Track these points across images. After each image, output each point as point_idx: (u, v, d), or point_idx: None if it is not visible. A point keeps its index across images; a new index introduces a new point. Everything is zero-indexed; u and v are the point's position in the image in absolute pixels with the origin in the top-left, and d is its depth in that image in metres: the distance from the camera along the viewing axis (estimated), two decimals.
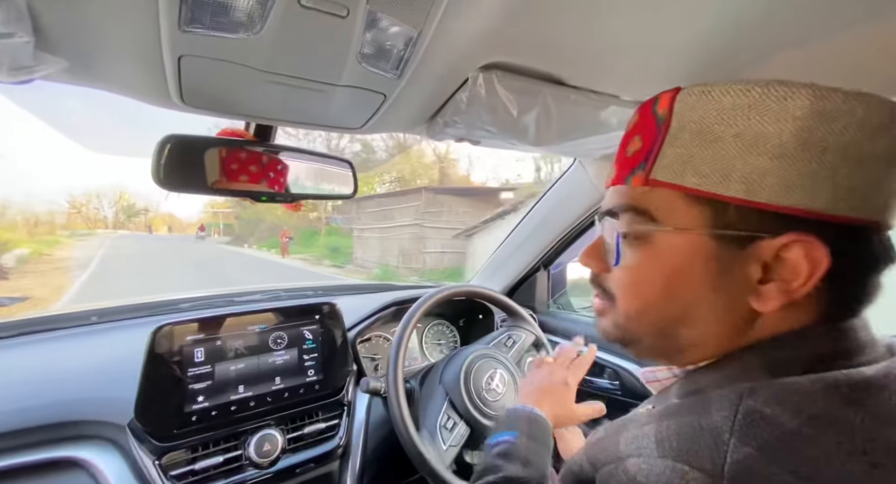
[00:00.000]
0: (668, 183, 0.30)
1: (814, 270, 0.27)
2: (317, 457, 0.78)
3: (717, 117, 0.29)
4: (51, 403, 0.66)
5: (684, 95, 0.31)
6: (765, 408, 0.24)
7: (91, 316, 0.94)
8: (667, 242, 0.31)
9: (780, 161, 0.27)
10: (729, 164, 0.28)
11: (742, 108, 0.28)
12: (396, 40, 0.45)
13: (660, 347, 0.34)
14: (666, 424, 0.27)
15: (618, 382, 1.04)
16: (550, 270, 1.31)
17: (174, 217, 59.89)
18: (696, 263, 0.30)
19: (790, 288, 0.27)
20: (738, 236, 0.28)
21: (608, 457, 0.28)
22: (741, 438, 0.23)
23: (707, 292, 0.30)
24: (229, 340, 0.76)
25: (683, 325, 0.32)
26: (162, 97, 0.50)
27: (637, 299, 0.33)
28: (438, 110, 0.63)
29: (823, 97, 0.26)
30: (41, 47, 0.38)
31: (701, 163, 0.29)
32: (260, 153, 0.65)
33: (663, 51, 0.53)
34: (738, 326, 0.30)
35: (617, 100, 0.63)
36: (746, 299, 0.29)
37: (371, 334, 1.05)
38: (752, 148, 0.27)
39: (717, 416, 0.25)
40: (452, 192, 12.15)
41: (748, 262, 0.28)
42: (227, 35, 0.40)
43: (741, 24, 0.47)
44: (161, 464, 0.65)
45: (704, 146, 0.29)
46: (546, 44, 0.50)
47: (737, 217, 0.28)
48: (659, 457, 0.25)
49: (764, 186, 0.27)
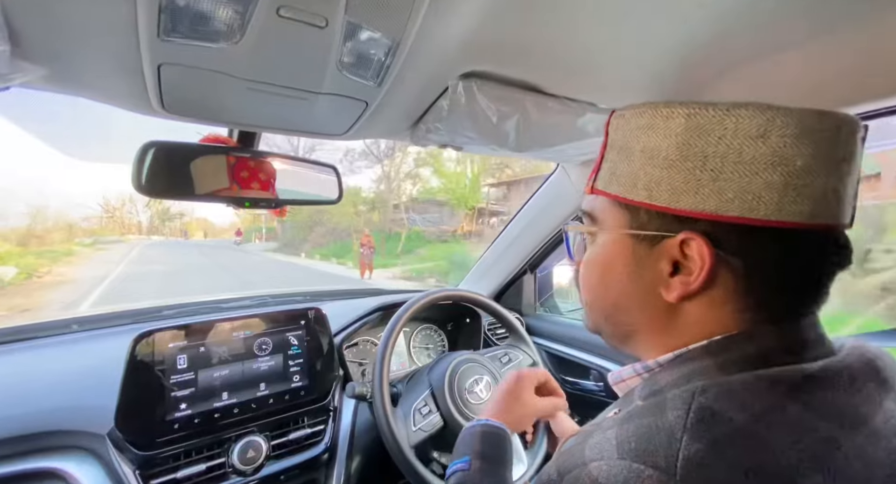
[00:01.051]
0: (602, 191, 0.36)
1: (703, 265, 0.30)
2: (302, 463, 0.77)
3: (630, 136, 0.34)
4: (27, 414, 0.65)
5: (614, 118, 0.36)
6: (714, 404, 0.26)
7: (72, 324, 0.93)
8: (601, 241, 0.37)
9: (668, 171, 0.31)
10: (636, 174, 0.33)
11: (643, 128, 0.33)
12: (376, 49, 0.46)
13: (613, 332, 0.39)
14: (626, 427, 0.28)
15: (602, 383, 1.05)
16: (537, 274, 1.32)
17: (208, 221, 53.61)
18: (619, 258, 0.35)
19: (688, 281, 0.31)
20: (647, 235, 0.33)
21: (573, 463, 0.29)
22: (692, 435, 0.25)
23: (627, 283, 0.35)
24: (213, 347, 0.75)
25: (619, 311, 0.37)
26: (143, 105, 0.50)
27: (588, 291, 0.39)
28: (420, 117, 0.64)
29: (696, 114, 0.30)
30: (18, 55, 0.39)
31: (620, 174, 0.34)
32: (244, 159, 0.65)
33: (636, 62, 0.55)
34: (661, 315, 0.34)
35: (594, 107, 0.65)
36: (658, 290, 0.33)
37: (358, 339, 1.05)
38: (650, 160, 0.32)
39: (671, 415, 0.27)
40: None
41: (659, 258, 0.33)
42: (206, 44, 0.40)
43: (710, 36, 0.49)
44: (142, 473, 0.64)
45: (623, 160, 0.34)
46: (524, 53, 0.52)
47: (646, 219, 0.33)
48: (618, 458, 0.26)
49: (661, 192, 0.31)
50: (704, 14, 0.44)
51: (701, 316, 0.32)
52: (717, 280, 0.31)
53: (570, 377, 1.14)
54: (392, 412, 0.73)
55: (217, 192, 0.63)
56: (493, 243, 1.27)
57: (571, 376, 1.14)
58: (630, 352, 0.39)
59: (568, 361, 1.15)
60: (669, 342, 0.34)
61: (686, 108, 0.30)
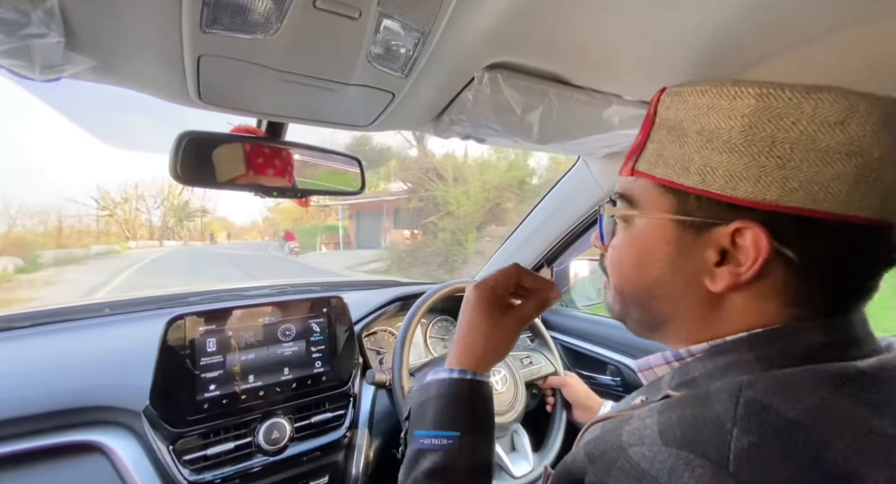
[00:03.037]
0: (645, 173, 0.34)
1: (758, 256, 0.29)
2: (323, 446, 0.80)
3: (685, 115, 0.32)
4: (69, 389, 0.69)
5: (665, 96, 0.34)
6: (763, 398, 0.25)
7: (104, 308, 0.97)
8: (641, 225, 0.35)
9: (728, 155, 0.29)
10: (689, 158, 0.31)
11: (702, 107, 0.31)
12: (405, 40, 0.47)
13: (643, 319, 0.38)
14: (667, 415, 0.27)
15: (619, 379, 1.05)
16: (554, 268, 1.32)
17: (228, 221, 44.68)
18: (659, 244, 0.34)
19: (738, 271, 0.30)
20: (695, 222, 0.32)
21: (607, 448, 0.28)
22: (743, 428, 0.24)
23: (667, 271, 0.34)
24: (240, 332, 0.78)
25: (654, 299, 0.36)
26: (181, 95, 0.52)
27: (619, 276, 0.38)
28: (445, 109, 0.65)
29: (769, 95, 0.28)
30: (71, 47, 0.41)
31: (669, 156, 0.32)
32: (272, 149, 0.67)
33: (666, 51, 0.54)
34: (701, 304, 0.33)
35: (619, 99, 0.65)
36: (702, 279, 0.32)
37: (376, 328, 1.07)
38: (707, 143, 0.30)
39: (718, 406, 0.26)
40: None
41: (706, 246, 0.31)
42: (244, 36, 0.42)
43: (742, 25, 0.48)
44: (175, 449, 0.67)
45: (673, 141, 0.32)
46: (551, 44, 0.52)
47: (696, 205, 0.31)
48: (663, 445, 0.25)
49: (716, 178, 0.30)
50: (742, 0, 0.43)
51: (745, 307, 0.31)
52: (769, 272, 0.29)
53: (587, 372, 1.14)
54: None
55: (246, 180, 0.65)
56: (511, 236, 1.27)
57: (587, 371, 1.14)
58: (658, 340, 0.38)
59: (584, 355, 1.15)
60: (705, 332, 0.33)
61: (757, 88, 0.28)
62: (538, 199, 1.14)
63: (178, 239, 33.60)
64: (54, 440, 0.64)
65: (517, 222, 1.22)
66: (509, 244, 1.29)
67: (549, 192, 1.11)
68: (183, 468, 0.67)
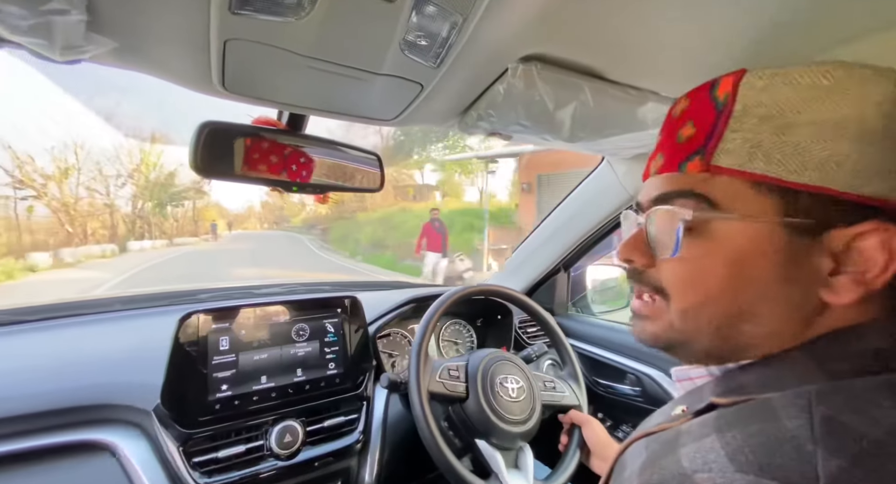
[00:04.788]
0: (733, 169, 0.29)
1: (891, 260, 0.26)
2: (336, 451, 0.77)
3: (792, 101, 0.28)
4: (78, 386, 0.67)
5: (751, 78, 0.30)
6: (839, 416, 0.23)
7: (115, 303, 0.96)
8: (731, 230, 0.30)
9: (860, 147, 0.26)
10: (804, 150, 0.27)
11: (820, 90, 0.27)
12: (440, 27, 0.44)
13: (716, 347, 0.32)
14: (731, 434, 0.25)
15: (640, 389, 1.01)
16: (571, 273, 1.29)
17: (221, 207, 34.40)
18: (764, 253, 0.29)
19: (865, 279, 0.26)
20: (810, 225, 0.27)
21: (668, 476, 0.26)
22: (827, 449, 0.22)
23: (775, 285, 0.29)
24: (253, 331, 0.76)
25: (747, 321, 0.30)
26: (204, 82, 0.50)
27: (696, 294, 0.31)
28: (473, 103, 0.62)
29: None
30: (92, 28, 0.39)
31: (771, 148, 0.28)
32: (292, 143, 0.65)
33: (709, 47, 0.51)
34: (805, 321, 0.29)
35: (656, 96, 0.62)
36: (817, 292, 0.28)
37: (390, 330, 1.04)
38: (831, 133, 0.26)
39: (789, 423, 0.23)
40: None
41: (822, 252, 0.28)
42: (274, 18, 0.39)
43: (791, 22, 0.46)
44: (185, 450, 0.65)
45: (775, 131, 0.28)
46: (590, 36, 0.49)
47: (810, 205, 0.27)
48: (736, 471, 0.23)
49: (842, 173, 0.26)
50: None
51: (849, 320, 0.28)
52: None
53: (604, 380, 1.11)
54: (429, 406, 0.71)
55: (266, 174, 0.63)
56: (528, 238, 1.24)
57: (605, 380, 1.11)
58: (718, 364, 0.34)
59: (602, 363, 1.11)
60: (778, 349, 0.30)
61: (894, 72, 0.25)
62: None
63: (158, 236, 20.90)
64: (62, 439, 0.61)
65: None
66: (526, 246, 1.26)
67: (571, 194, 1.08)
68: (193, 471, 0.65)
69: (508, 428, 0.73)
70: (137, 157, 20.70)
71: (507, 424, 0.73)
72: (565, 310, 1.31)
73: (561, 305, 1.30)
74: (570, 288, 1.31)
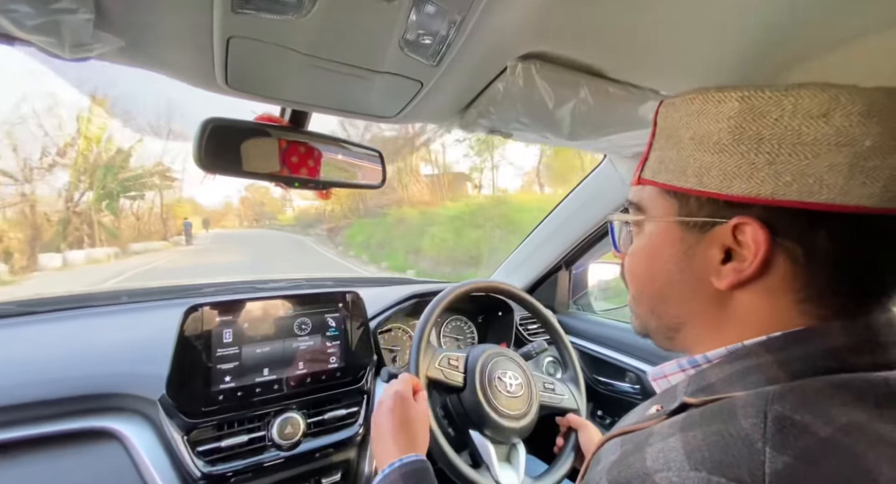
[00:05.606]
0: (650, 180, 0.36)
1: (757, 250, 0.29)
2: (336, 443, 0.78)
3: (679, 123, 0.34)
4: (87, 375, 0.69)
5: (663, 107, 0.36)
6: (793, 414, 0.24)
7: (122, 296, 0.98)
8: (649, 229, 0.37)
9: (719, 155, 0.30)
10: (685, 161, 0.32)
11: (692, 114, 0.32)
12: (439, 26, 0.45)
13: (659, 327, 0.38)
14: (692, 434, 0.26)
15: (639, 386, 1.02)
16: (572, 270, 1.29)
17: (195, 202, 30.22)
18: (666, 246, 0.35)
19: (742, 268, 0.30)
20: (697, 222, 0.33)
21: (632, 474, 0.27)
22: (776, 447, 0.23)
23: (676, 273, 0.34)
24: (256, 324, 0.77)
25: (665, 303, 0.36)
26: (207, 80, 0.51)
27: (633, 281, 0.39)
28: (473, 100, 0.63)
29: (751, 97, 0.29)
30: (100, 26, 0.40)
31: (668, 161, 0.34)
32: (295, 139, 0.66)
33: (709, 46, 0.51)
34: (712, 304, 0.33)
35: (656, 95, 0.62)
36: (709, 279, 0.32)
37: (391, 326, 1.06)
38: (700, 146, 0.31)
39: (745, 422, 0.24)
40: None
41: (710, 245, 0.32)
42: (276, 16, 0.40)
43: (787, 23, 0.47)
44: (189, 439, 0.67)
45: (671, 147, 0.34)
46: (590, 34, 0.50)
47: (696, 206, 0.33)
48: (691, 469, 0.24)
49: (711, 178, 0.31)
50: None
51: (756, 307, 0.31)
52: (773, 267, 0.29)
53: (604, 378, 1.11)
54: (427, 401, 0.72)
55: (269, 170, 0.64)
56: (530, 235, 1.25)
57: (605, 377, 1.11)
58: (679, 349, 0.37)
59: (602, 361, 1.11)
60: (721, 336, 0.33)
61: (739, 92, 0.30)
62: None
63: (105, 242, 13.45)
64: (71, 426, 0.63)
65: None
66: (527, 244, 1.26)
67: (572, 192, 1.08)
68: (197, 459, 0.66)
69: (503, 422, 0.73)
70: (72, 126, 13.20)
71: (502, 417, 0.74)
72: (566, 308, 1.31)
73: (562, 303, 1.31)
74: (571, 286, 1.31)
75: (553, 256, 1.23)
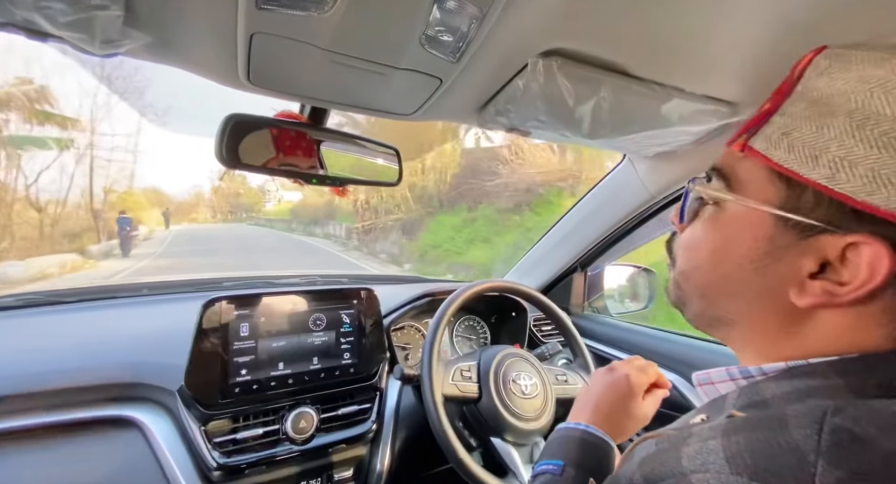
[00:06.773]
0: (759, 153, 0.29)
1: (869, 279, 0.24)
2: (349, 438, 0.79)
3: (843, 87, 0.25)
4: (108, 365, 0.71)
5: (822, 57, 0.27)
6: (854, 427, 0.21)
7: (143, 288, 1.01)
8: (733, 211, 0.31)
9: (882, 151, 0.23)
10: (824, 144, 0.25)
11: (874, 83, 0.24)
12: (460, 22, 0.45)
13: (703, 312, 0.35)
14: (735, 439, 0.24)
15: None
16: (588, 272, 1.27)
17: (160, 192, 26.13)
18: (747, 238, 0.29)
19: (837, 291, 0.25)
20: (801, 223, 0.27)
21: (666, 471, 0.25)
22: (830, 460, 0.21)
23: (748, 269, 0.29)
24: (272, 318, 0.78)
25: (721, 295, 0.32)
26: (230, 76, 0.51)
27: (689, 259, 0.35)
28: (492, 98, 0.62)
29: None
30: (128, 23, 0.41)
31: (799, 137, 0.27)
32: (314, 136, 0.66)
33: (737, 42, 0.50)
34: (777, 315, 0.29)
35: (681, 93, 0.60)
36: (787, 289, 0.28)
37: (404, 324, 1.06)
38: (858, 130, 0.24)
39: (796, 433, 0.22)
40: None
41: (805, 253, 0.27)
42: (298, 12, 0.40)
43: (820, 22, 0.45)
44: (206, 430, 0.68)
45: (810, 119, 0.26)
46: (613, 30, 0.49)
47: (811, 204, 0.26)
48: (731, 473, 0.22)
49: (851, 176, 0.24)
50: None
51: (835, 327, 0.27)
52: (879, 296, 0.25)
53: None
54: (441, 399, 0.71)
55: (288, 166, 0.65)
56: (545, 236, 1.23)
57: None
58: (717, 337, 0.35)
59: None
60: (778, 348, 0.29)
61: None
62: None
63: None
64: (92, 413, 0.65)
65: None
66: (543, 244, 1.25)
67: (590, 192, 1.06)
68: (213, 450, 0.68)
69: (523, 425, 0.73)
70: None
71: (521, 421, 0.73)
72: (581, 310, 1.29)
73: (577, 305, 1.29)
74: (587, 288, 1.29)
75: (568, 258, 1.21)
